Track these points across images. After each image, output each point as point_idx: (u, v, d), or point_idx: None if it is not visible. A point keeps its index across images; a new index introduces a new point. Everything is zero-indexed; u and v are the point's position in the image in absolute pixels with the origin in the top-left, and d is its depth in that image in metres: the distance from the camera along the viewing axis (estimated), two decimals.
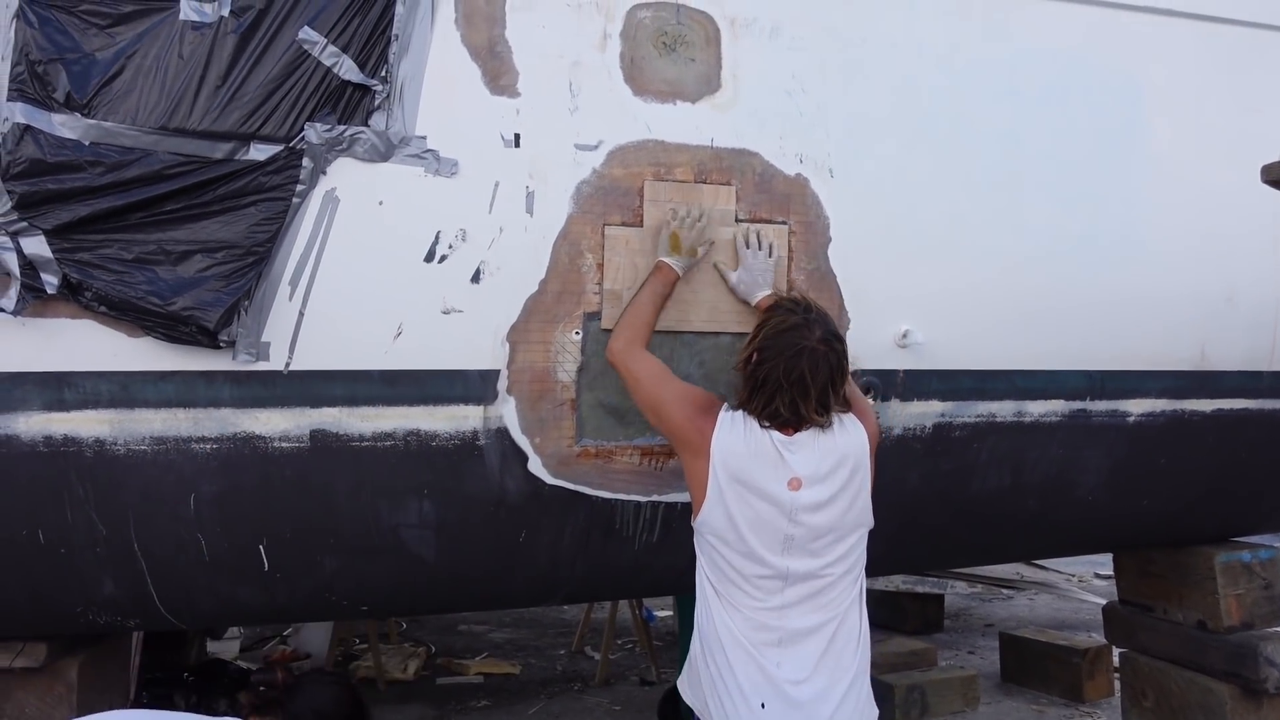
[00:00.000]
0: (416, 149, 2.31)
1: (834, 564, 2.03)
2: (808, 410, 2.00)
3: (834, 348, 2.07)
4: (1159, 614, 3.69)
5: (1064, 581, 7.40)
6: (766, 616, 1.99)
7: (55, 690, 2.58)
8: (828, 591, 2.02)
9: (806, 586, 2.01)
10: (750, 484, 1.99)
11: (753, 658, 1.96)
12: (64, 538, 2.27)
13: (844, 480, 2.04)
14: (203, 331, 2.16)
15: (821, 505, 2.01)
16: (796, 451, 2.02)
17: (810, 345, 2.04)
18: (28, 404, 2.17)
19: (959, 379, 2.70)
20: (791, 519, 1.99)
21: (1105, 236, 2.80)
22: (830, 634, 2.02)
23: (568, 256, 2.40)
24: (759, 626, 1.98)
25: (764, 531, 1.98)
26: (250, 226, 2.20)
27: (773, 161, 2.54)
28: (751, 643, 1.97)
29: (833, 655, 2.01)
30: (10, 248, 2.09)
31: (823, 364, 2.02)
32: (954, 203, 2.67)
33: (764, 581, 1.99)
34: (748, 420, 2.07)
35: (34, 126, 2.09)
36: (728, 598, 2.01)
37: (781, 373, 2.02)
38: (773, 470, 2.00)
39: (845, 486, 2.04)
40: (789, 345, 2.04)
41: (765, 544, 1.98)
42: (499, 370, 2.38)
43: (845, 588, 2.06)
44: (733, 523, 1.99)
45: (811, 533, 2.00)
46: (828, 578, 2.02)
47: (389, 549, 2.47)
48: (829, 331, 2.10)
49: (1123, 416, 2.92)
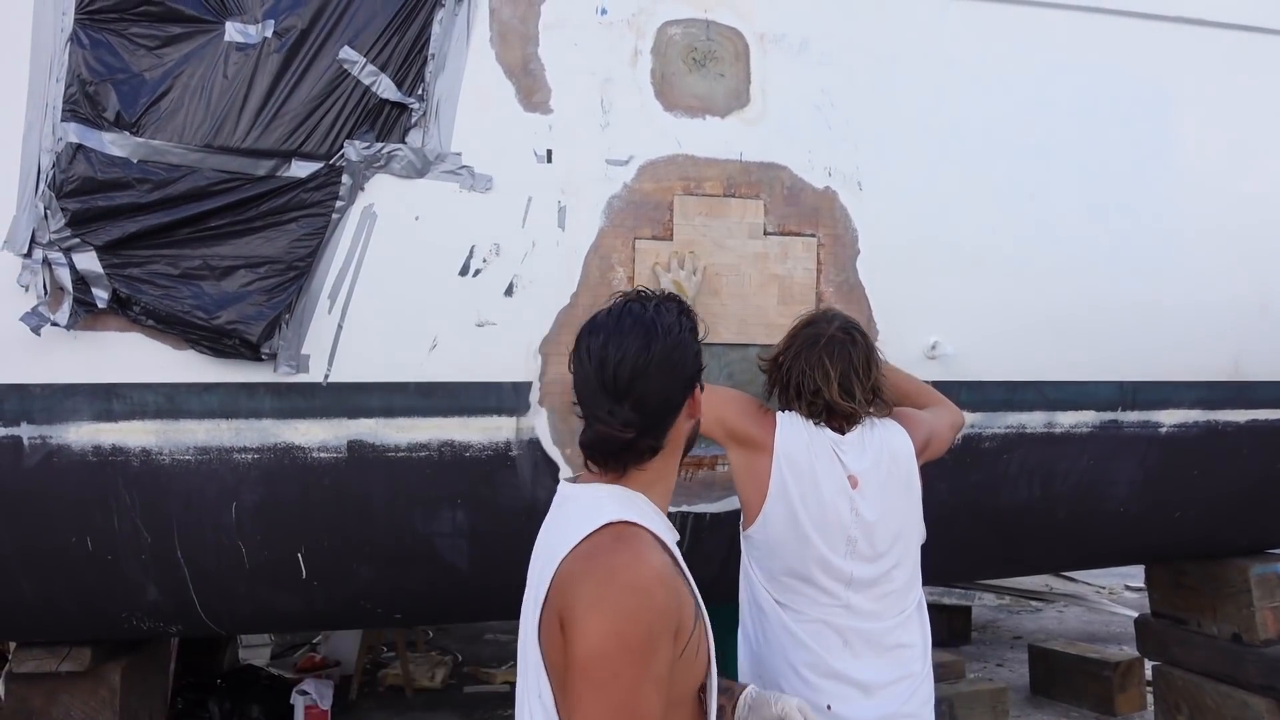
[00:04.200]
0: (452, 165, 2.36)
1: (894, 570, 2.03)
2: (831, 394, 2.01)
3: (852, 335, 2.08)
4: (1193, 627, 3.65)
5: (1094, 594, 7.31)
6: (834, 616, 1.98)
7: (99, 694, 2.64)
8: (891, 597, 2.03)
9: (871, 592, 2.01)
10: (815, 479, 2.00)
11: (822, 660, 1.95)
12: (111, 545, 2.33)
13: (896, 481, 2.04)
14: (246, 344, 2.22)
15: (878, 504, 2.01)
16: (849, 450, 2.03)
17: (828, 334, 2.07)
18: (78, 414, 2.24)
19: (988, 390, 2.70)
20: (854, 516, 1.98)
21: (1137, 247, 2.79)
22: (896, 638, 2.02)
23: (599, 270, 2.44)
24: (825, 627, 1.98)
25: (829, 531, 1.99)
26: (291, 242, 2.26)
27: (801, 175, 2.57)
28: (820, 645, 1.96)
29: (899, 657, 2.01)
30: (63, 263, 2.16)
31: (840, 349, 2.04)
32: (984, 214, 2.68)
33: (830, 584, 1.99)
34: (802, 419, 2.08)
35: (86, 145, 2.17)
36: (790, 605, 1.99)
37: (803, 361, 2.05)
38: (832, 466, 2.01)
39: (898, 487, 2.05)
40: (808, 337, 2.08)
41: (830, 544, 1.98)
42: (531, 382, 2.41)
43: (907, 595, 2.06)
44: (796, 522, 1.98)
45: (871, 534, 2.00)
46: (891, 583, 2.02)
47: (423, 558, 2.51)
48: (848, 322, 2.12)
49: (1155, 427, 2.90)
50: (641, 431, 1.34)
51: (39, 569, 2.35)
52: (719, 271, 2.51)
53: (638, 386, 1.34)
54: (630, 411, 1.34)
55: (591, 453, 1.37)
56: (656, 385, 1.36)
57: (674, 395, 1.39)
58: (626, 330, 1.37)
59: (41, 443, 2.24)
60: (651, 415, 1.36)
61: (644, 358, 1.35)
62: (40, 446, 2.24)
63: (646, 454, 1.37)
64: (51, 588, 2.37)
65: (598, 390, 1.36)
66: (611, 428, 1.34)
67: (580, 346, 1.40)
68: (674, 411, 1.39)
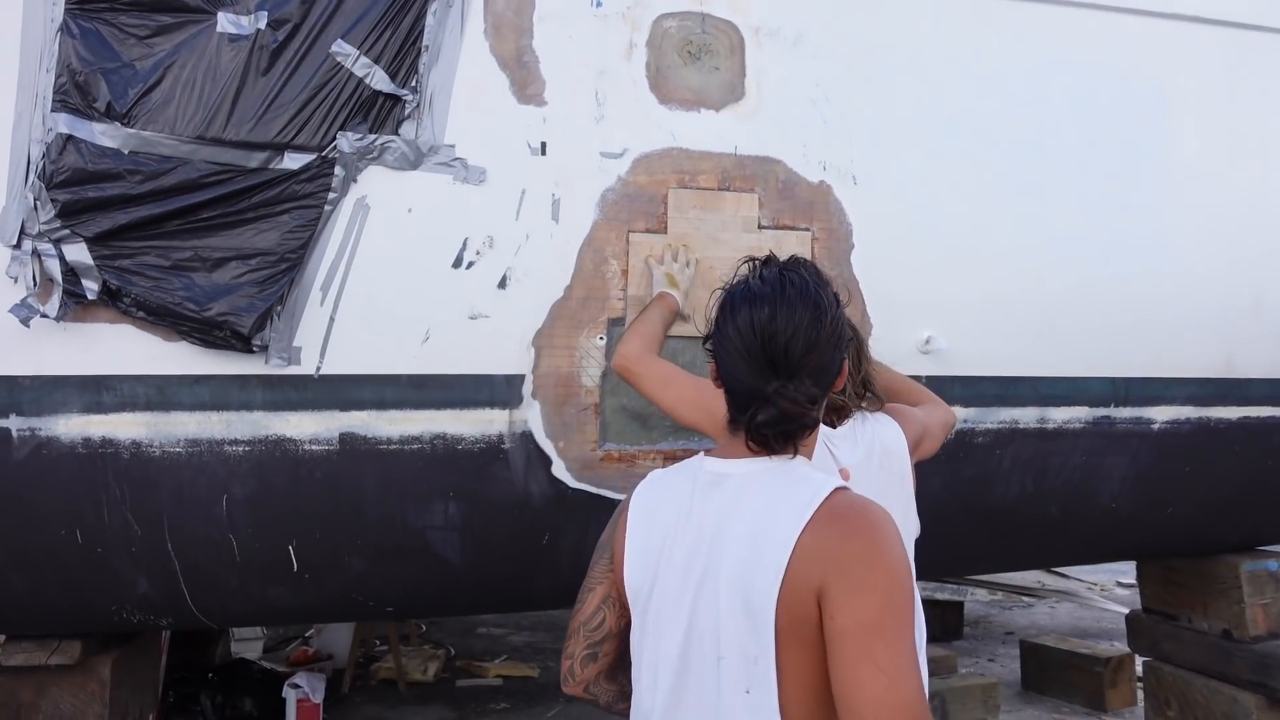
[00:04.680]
0: (445, 157, 2.35)
1: None
2: None
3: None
4: (1183, 623, 3.67)
5: (1085, 590, 7.34)
6: None
7: (89, 687, 2.63)
8: None
9: None
10: None
11: None
12: (101, 538, 2.32)
13: (889, 474, 2.04)
14: (237, 336, 2.21)
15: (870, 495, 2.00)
16: (840, 444, 2.03)
17: None
18: (68, 406, 2.23)
19: (981, 385, 2.71)
20: None
21: (1131, 243, 2.79)
22: None
23: (592, 263, 2.43)
24: None
25: None
26: (283, 234, 2.25)
27: (796, 169, 2.56)
28: None
29: None
30: (53, 254, 2.15)
31: None
32: (978, 209, 2.68)
33: None
34: None
35: (76, 136, 2.15)
36: None
37: None
38: (823, 458, 2.00)
39: (890, 481, 2.04)
40: None
41: None
42: (524, 375, 2.41)
43: None
44: None
45: None
46: None
47: (415, 550, 2.50)
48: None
49: (1147, 424, 2.91)
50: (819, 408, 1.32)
51: (28, 562, 2.33)
52: (713, 265, 2.50)
53: (811, 361, 1.30)
54: (812, 386, 1.30)
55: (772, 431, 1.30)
56: (826, 359, 1.32)
57: (836, 368, 1.36)
58: (794, 301, 1.30)
59: (30, 435, 2.22)
60: (827, 389, 1.33)
61: (816, 330, 1.30)
62: (29, 439, 2.22)
63: (813, 429, 1.35)
64: (41, 581, 2.36)
65: (764, 366, 1.29)
66: (799, 404, 1.29)
67: (735, 318, 1.32)
68: (833, 383, 1.36)
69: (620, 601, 1.41)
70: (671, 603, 1.30)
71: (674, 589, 1.30)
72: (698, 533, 1.30)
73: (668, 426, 2.50)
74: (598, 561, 1.46)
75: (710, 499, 1.32)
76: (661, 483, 1.41)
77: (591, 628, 1.44)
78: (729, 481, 1.33)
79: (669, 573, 1.31)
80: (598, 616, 1.44)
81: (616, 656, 1.45)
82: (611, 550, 1.42)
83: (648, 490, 1.42)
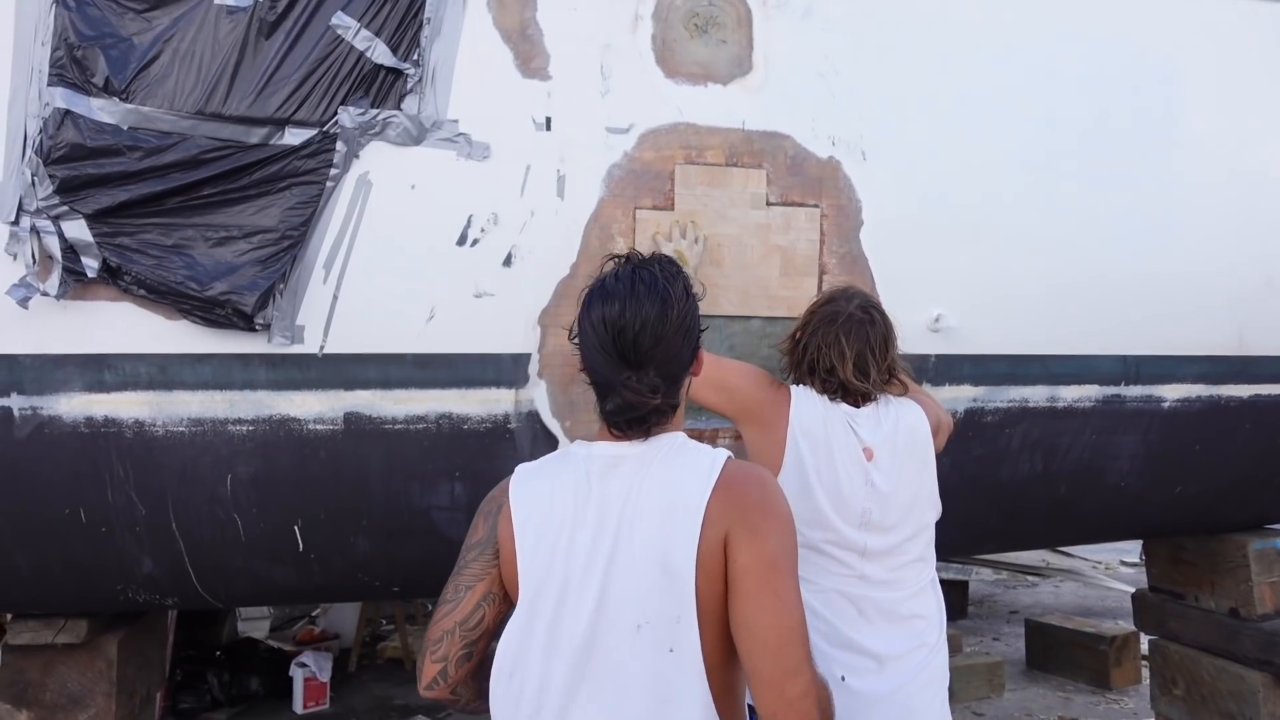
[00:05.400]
0: (449, 133, 2.32)
1: (908, 542, 2.02)
2: (845, 373, 1.99)
3: (871, 315, 2.07)
4: (1190, 601, 3.66)
5: (1090, 569, 7.34)
6: (848, 585, 1.96)
7: (96, 665, 2.63)
8: (905, 569, 2.01)
9: (885, 562, 1.99)
10: (830, 451, 1.98)
11: (836, 630, 1.94)
12: (104, 517, 2.31)
13: (911, 454, 2.03)
14: (239, 315, 2.18)
15: (892, 476, 2.00)
16: (864, 423, 2.01)
17: (847, 312, 2.05)
18: (69, 385, 2.21)
19: (991, 364, 2.68)
20: (868, 488, 1.97)
21: (1141, 219, 2.75)
22: (911, 609, 2.01)
23: (599, 240, 2.40)
24: (840, 596, 1.96)
25: (842, 504, 1.97)
26: (285, 211, 2.22)
27: (805, 144, 2.52)
28: (834, 614, 1.95)
29: (914, 628, 2.00)
30: (52, 231, 2.12)
31: (858, 329, 2.02)
32: (988, 185, 2.64)
33: (843, 554, 1.97)
34: (816, 393, 2.06)
35: (74, 111, 2.12)
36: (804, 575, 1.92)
37: (820, 338, 2.03)
38: (847, 438, 1.99)
39: (912, 461, 2.03)
40: (827, 314, 2.07)
41: (843, 517, 1.97)
42: (530, 354, 2.38)
43: (921, 568, 2.05)
44: (810, 495, 1.96)
45: (885, 505, 1.99)
46: (905, 555, 2.01)
47: (421, 531, 2.49)
48: (867, 301, 2.10)
49: (1157, 402, 2.89)
50: (665, 395, 1.40)
51: (32, 542, 2.32)
52: (721, 242, 2.47)
53: (658, 353, 1.38)
54: (655, 377, 1.38)
55: (619, 419, 1.40)
56: (675, 349, 1.41)
57: (688, 356, 1.45)
58: (642, 297, 1.39)
59: (32, 414, 2.21)
60: (672, 378, 1.42)
61: (664, 325, 1.39)
62: (31, 418, 2.21)
63: (669, 413, 1.43)
64: (45, 561, 2.35)
65: (615, 359, 1.39)
66: (640, 394, 1.37)
67: (590, 314, 1.41)
68: (686, 371, 1.46)
69: (500, 596, 1.44)
70: (576, 583, 1.36)
71: (579, 569, 1.36)
72: (600, 513, 1.38)
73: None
74: (475, 560, 1.45)
75: (610, 481, 1.40)
76: (547, 474, 1.46)
77: (469, 626, 1.45)
78: (626, 462, 1.41)
79: (573, 555, 1.37)
80: (476, 614, 1.45)
81: (482, 654, 1.47)
82: (495, 546, 1.43)
83: (532, 482, 1.46)
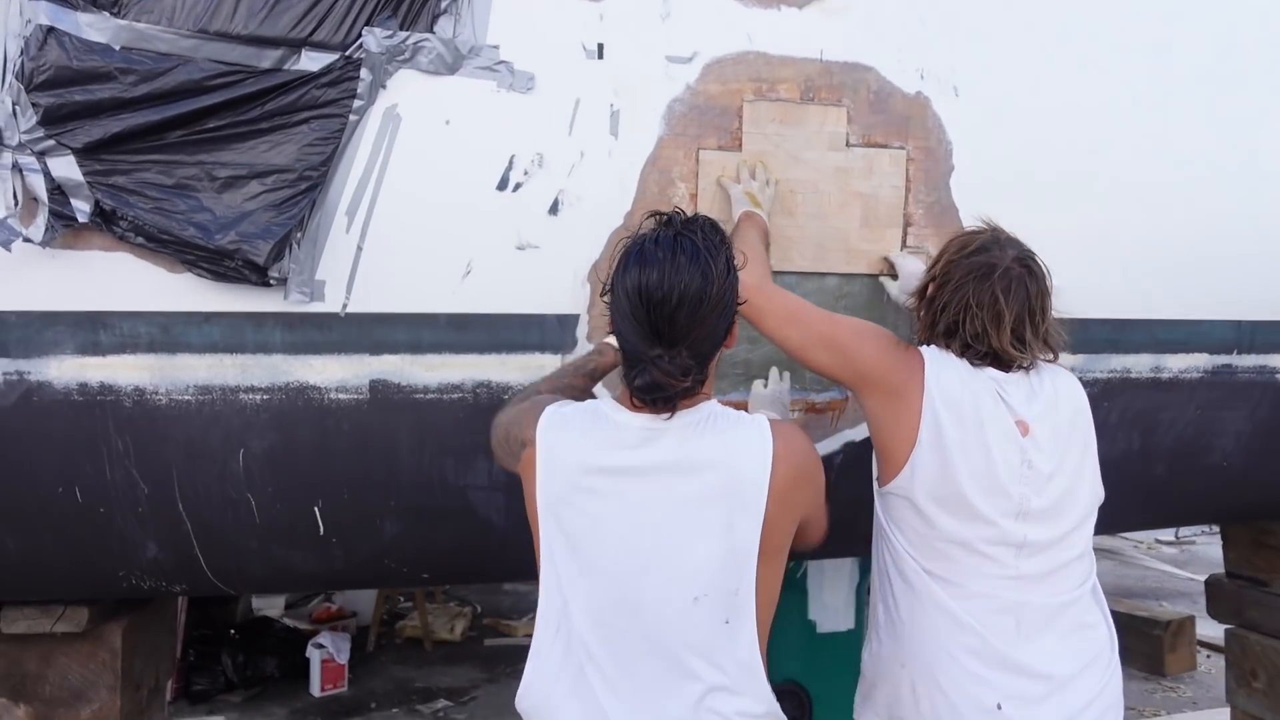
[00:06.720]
0: (487, 60, 2.02)
1: (1073, 533, 1.73)
2: (1000, 341, 1.69)
3: (1030, 268, 1.76)
4: (1275, 589, 3.40)
5: (1131, 548, 7.11)
6: (1002, 589, 1.66)
7: (99, 656, 2.41)
8: (1069, 567, 1.72)
9: (1044, 559, 1.68)
10: (980, 424, 1.67)
11: (988, 645, 1.64)
12: (103, 496, 2.06)
13: (1074, 430, 1.74)
14: (250, 267, 1.91)
15: (1053, 455, 1.71)
16: (1015, 393, 1.72)
17: (1004, 265, 1.74)
18: (60, 347, 1.94)
19: (1093, 329, 2.38)
20: (1025, 468, 1.67)
21: (1264, 168, 2.44)
22: (1078, 617, 1.72)
23: (657, 185, 2.11)
24: (991, 603, 1.66)
25: (994, 486, 1.67)
26: (302, 147, 1.94)
27: (890, 78, 2.22)
28: (985, 626, 1.64)
29: (1083, 640, 1.72)
30: (37, 169, 1.84)
31: (1018, 286, 1.72)
32: (1094, 128, 2.33)
33: (995, 549, 1.66)
34: (955, 355, 1.75)
35: (58, 28, 1.83)
36: (946, 575, 1.67)
37: (971, 295, 1.71)
38: (997, 408, 1.69)
39: (1076, 437, 1.74)
40: (978, 266, 1.74)
41: (993, 502, 1.66)
42: (579, 314, 2.11)
43: (1084, 566, 1.77)
44: (952, 478, 1.66)
45: (1046, 490, 1.69)
46: (1068, 550, 1.71)
47: (455, 512, 2.24)
48: (1024, 251, 1.79)
49: (1271, 373, 2.59)
50: (695, 375, 1.37)
51: (22, 522, 2.08)
52: (794, 188, 2.18)
53: (694, 331, 1.34)
54: (688, 358, 1.34)
55: (646, 396, 1.37)
56: (710, 328, 1.37)
57: (722, 334, 1.42)
58: (683, 268, 1.33)
59: (18, 379, 1.95)
60: (703, 357, 1.39)
61: (702, 302, 1.34)
62: (17, 384, 1.95)
63: (696, 389, 1.42)
64: (37, 544, 2.11)
65: (647, 331, 1.35)
66: (671, 376, 1.34)
67: (625, 279, 1.37)
68: (719, 348, 1.44)
69: None
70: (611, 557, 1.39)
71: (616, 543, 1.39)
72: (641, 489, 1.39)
73: (737, 375, 2.20)
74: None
75: (649, 453, 1.39)
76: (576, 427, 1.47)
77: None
78: (666, 437, 1.40)
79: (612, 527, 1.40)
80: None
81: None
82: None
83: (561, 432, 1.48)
